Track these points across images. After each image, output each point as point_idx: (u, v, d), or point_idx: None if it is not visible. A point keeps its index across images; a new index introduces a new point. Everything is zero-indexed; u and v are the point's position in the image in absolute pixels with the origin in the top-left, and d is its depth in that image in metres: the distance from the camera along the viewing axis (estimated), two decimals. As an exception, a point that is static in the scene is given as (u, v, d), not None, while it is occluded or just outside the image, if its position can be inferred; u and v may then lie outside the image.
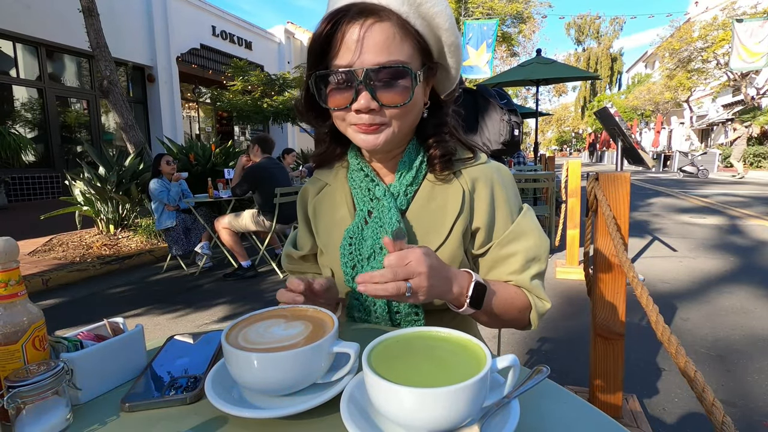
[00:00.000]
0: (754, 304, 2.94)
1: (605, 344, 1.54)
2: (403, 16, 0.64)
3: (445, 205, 0.74)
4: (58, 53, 8.73)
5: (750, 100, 18.42)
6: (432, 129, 0.75)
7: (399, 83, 0.64)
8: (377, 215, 0.74)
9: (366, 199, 0.76)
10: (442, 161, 0.74)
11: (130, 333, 0.59)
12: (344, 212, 0.80)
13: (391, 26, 0.63)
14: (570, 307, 2.93)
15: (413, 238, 0.74)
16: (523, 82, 8.56)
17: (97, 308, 3.31)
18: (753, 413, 1.76)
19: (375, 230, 0.74)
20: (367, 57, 0.62)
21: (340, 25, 0.63)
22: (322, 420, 0.48)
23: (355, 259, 0.75)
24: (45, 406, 0.46)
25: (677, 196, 9.17)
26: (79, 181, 5.06)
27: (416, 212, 0.75)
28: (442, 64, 0.72)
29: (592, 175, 1.59)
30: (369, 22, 0.62)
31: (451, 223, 0.73)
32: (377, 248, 0.73)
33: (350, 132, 0.69)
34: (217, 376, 0.53)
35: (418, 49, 0.66)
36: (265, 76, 9.75)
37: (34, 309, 0.51)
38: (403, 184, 0.74)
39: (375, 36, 0.62)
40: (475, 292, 0.64)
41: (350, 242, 0.75)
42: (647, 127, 32.89)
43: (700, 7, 24.78)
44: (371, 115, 0.65)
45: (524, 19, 18.83)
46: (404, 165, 0.75)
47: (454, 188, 0.75)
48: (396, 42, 0.63)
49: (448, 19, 0.66)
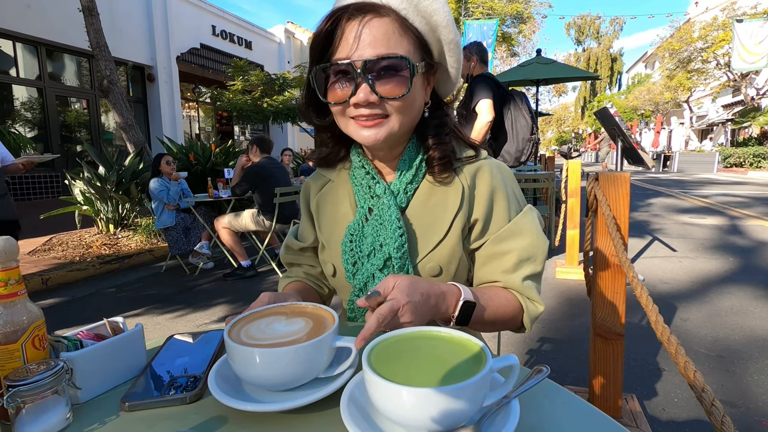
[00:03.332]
0: (754, 305, 2.94)
1: (605, 344, 1.54)
2: (401, 13, 0.64)
3: (445, 203, 0.74)
4: (58, 53, 8.72)
5: (750, 100, 18.43)
6: (432, 130, 0.75)
7: (397, 74, 0.64)
8: (377, 213, 0.75)
9: (367, 196, 0.77)
10: (440, 163, 0.74)
11: (130, 333, 0.59)
12: (346, 209, 0.80)
13: (390, 22, 0.64)
14: (570, 307, 2.93)
15: (413, 236, 0.75)
16: (523, 82, 8.55)
17: (97, 308, 3.31)
18: (753, 413, 1.76)
19: (375, 228, 0.74)
20: (365, 50, 0.63)
21: (340, 22, 0.64)
22: (322, 414, 0.48)
23: (356, 255, 0.76)
24: (45, 406, 0.46)
25: (677, 196, 9.17)
26: (78, 181, 5.06)
27: (416, 210, 0.75)
28: (442, 63, 0.72)
29: (592, 175, 1.59)
30: (368, 18, 0.63)
31: (451, 219, 0.74)
32: (377, 245, 0.74)
33: (351, 128, 0.69)
34: (219, 372, 0.53)
35: (417, 45, 0.67)
36: (265, 75, 9.75)
37: (34, 308, 0.51)
38: (403, 182, 0.75)
39: (373, 31, 0.63)
40: (462, 312, 0.64)
41: (351, 239, 0.76)
42: (647, 128, 32.90)
43: (700, 7, 24.80)
44: (371, 108, 0.66)
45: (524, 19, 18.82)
46: (404, 163, 0.75)
47: (454, 185, 0.75)
48: (395, 37, 0.64)
49: (446, 16, 0.67)
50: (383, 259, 0.73)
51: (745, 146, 16.87)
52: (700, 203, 8.01)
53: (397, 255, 0.72)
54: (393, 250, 0.72)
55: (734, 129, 20.39)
